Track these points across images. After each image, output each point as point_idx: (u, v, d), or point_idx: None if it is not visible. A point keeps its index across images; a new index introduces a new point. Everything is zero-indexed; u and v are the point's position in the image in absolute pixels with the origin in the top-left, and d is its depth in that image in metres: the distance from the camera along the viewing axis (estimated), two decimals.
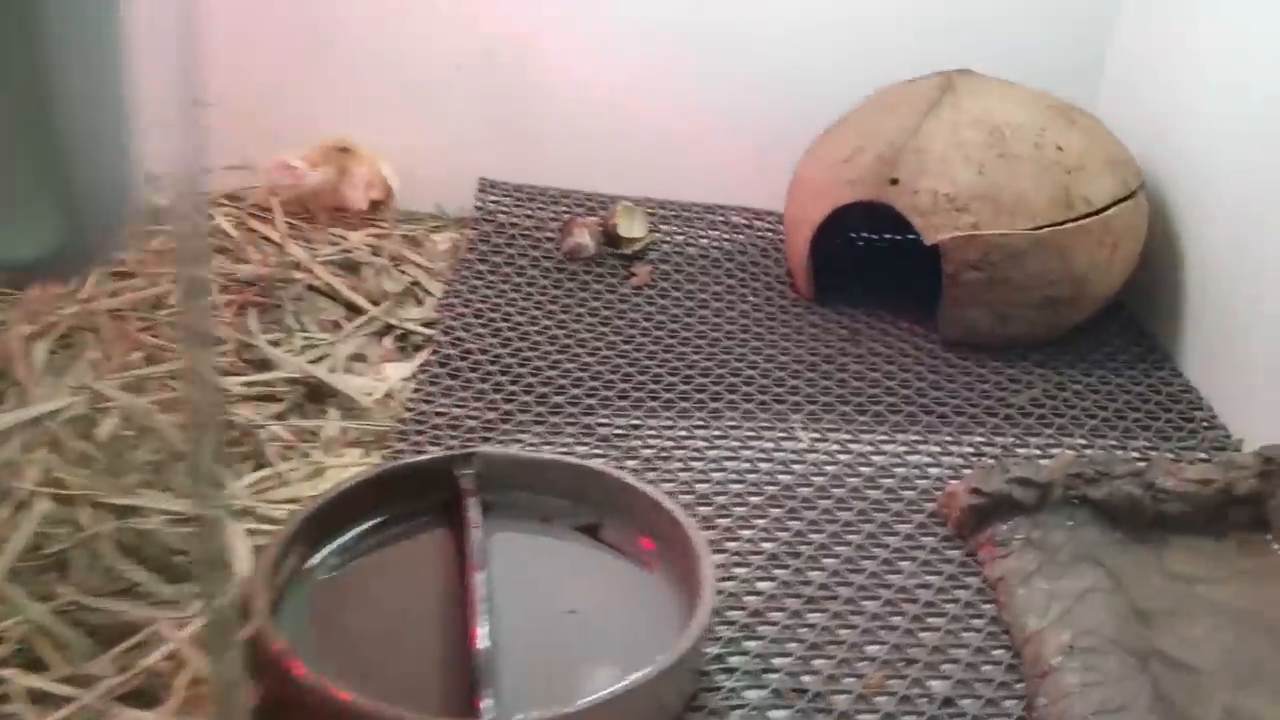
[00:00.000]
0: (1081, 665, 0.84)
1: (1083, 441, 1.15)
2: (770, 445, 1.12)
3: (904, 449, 1.13)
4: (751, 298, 1.38)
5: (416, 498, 0.94)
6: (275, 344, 1.21)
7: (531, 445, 1.09)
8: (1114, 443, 1.15)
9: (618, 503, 0.94)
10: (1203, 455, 1.13)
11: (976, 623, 0.93)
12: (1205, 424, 1.18)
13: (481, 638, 0.78)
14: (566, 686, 0.80)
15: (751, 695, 0.85)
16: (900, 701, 0.85)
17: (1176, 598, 0.93)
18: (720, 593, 0.94)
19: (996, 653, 0.90)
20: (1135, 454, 1.13)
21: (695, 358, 1.26)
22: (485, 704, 0.74)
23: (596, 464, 0.99)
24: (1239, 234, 1.19)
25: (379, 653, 0.82)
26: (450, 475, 0.95)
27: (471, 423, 1.12)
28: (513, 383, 1.19)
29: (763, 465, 1.10)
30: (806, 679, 0.87)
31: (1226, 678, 0.86)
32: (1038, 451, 1.13)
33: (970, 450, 1.13)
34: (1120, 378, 1.26)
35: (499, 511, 0.95)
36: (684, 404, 1.18)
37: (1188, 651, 0.88)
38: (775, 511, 1.04)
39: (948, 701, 0.86)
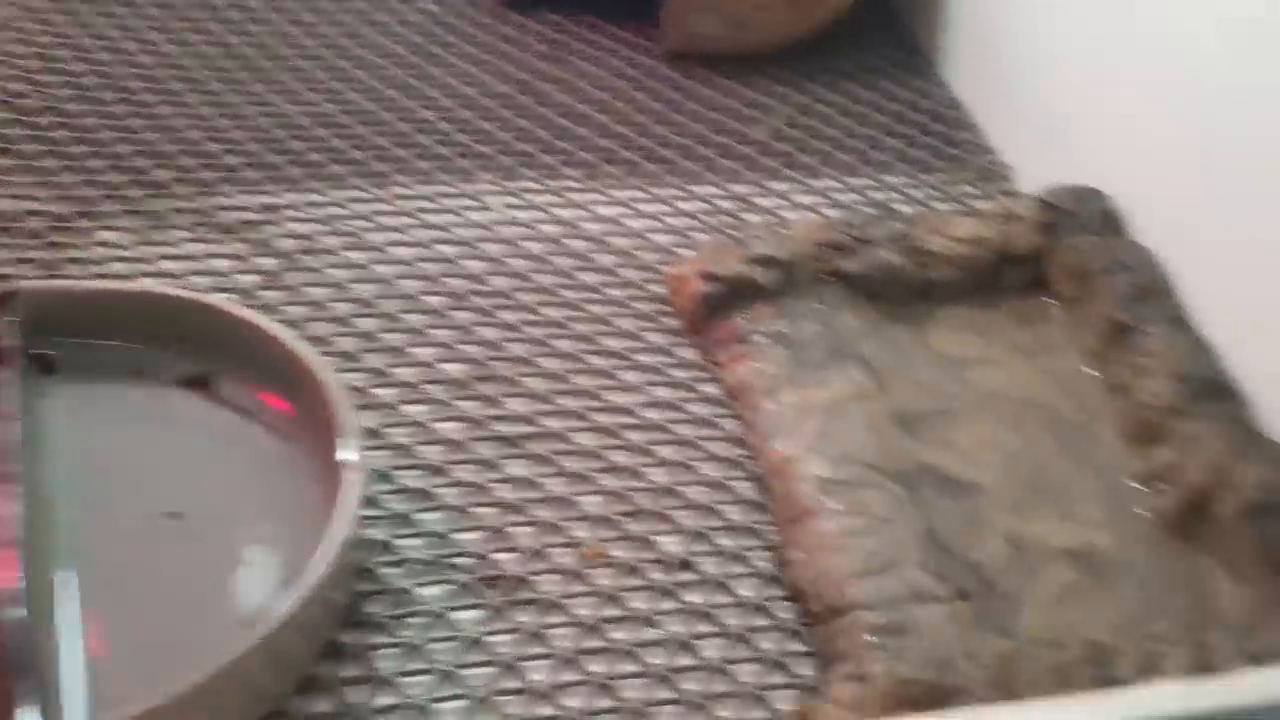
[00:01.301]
0: (843, 506, 0.68)
1: (834, 184, 0.95)
2: (453, 218, 0.87)
3: (622, 210, 0.90)
4: (433, 6, 1.08)
5: None
6: None
7: (120, 248, 0.80)
8: (869, 181, 0.95)
9: (232, 344, 0.69)
10: (971, 188, 0.95)
11: (715, 447, 0.74)
12: (971, 147, 1.00)
13: (15, 600, 0.53)
14: (167, 645, 0.57)
15: (429, 594, 0.65)
16: (626, 573, 0.67)
17: (946, 392, 0.77)
18: (388, 449, 0.71)
19: (740, 487, 0.72)
20: (895, 194, 0.94)
21: (353, 96, 0.96)
22: (25, 716, 0.50)
23: (194, 292, 0.73)
24: None
25: None
26: None
27: (35, 222, 0.81)
28: (96, 154, 0.87)
29: (443, 248, 0.85)
30: (503, 558, 0.67)
31: (1007, 496, 0.71)
32: (784, 202, 0.92)
33: (703, 206, 0.91)
34: (873, 91, 1.04)
35: (69, 369, 0.69)
36: (336, 167, 0.90)
37: (962, 465, 0.73)
38: (461, 315, 0.80)
39: (684, 564, 0.68)
